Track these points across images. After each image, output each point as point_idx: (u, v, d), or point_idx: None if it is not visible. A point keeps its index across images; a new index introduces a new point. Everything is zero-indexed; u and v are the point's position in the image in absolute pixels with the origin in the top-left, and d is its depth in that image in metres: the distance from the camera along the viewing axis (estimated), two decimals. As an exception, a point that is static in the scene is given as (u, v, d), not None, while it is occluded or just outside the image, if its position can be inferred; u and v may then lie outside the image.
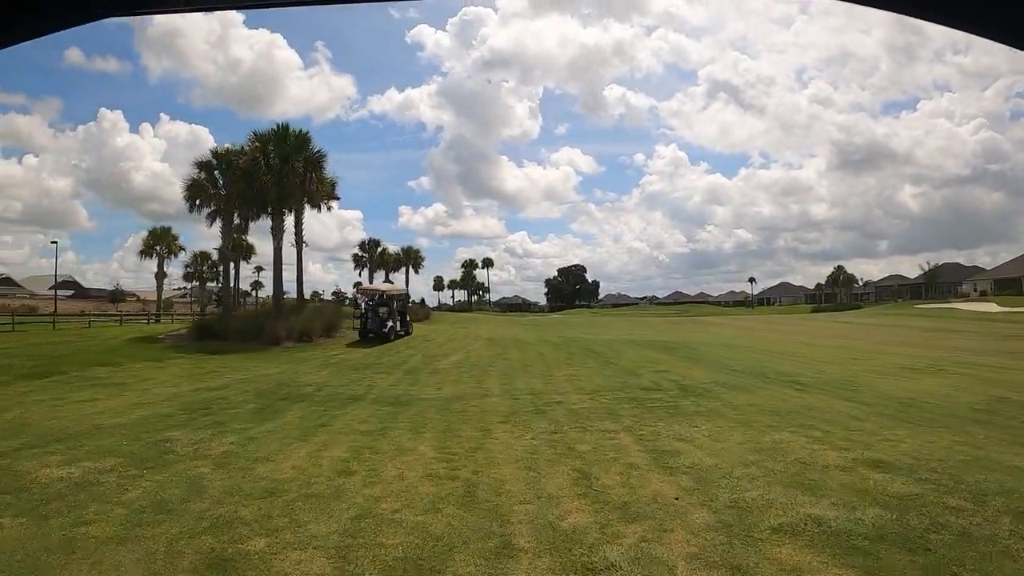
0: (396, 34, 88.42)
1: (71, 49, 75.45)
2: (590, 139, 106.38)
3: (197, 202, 23.46)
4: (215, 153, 23.79)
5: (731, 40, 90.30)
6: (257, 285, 70.61)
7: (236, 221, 24.96)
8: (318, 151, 23.37)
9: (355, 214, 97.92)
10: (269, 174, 21.34)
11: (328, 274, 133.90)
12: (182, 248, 47.68)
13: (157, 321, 39.30)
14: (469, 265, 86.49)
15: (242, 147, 22.95)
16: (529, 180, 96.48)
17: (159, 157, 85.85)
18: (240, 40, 79.19)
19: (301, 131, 23.11)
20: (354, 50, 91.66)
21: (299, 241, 26.13)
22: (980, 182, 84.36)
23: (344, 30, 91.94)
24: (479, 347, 20.05)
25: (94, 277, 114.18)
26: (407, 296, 34.82)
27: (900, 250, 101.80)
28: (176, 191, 40.63)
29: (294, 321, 20.82)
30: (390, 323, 23.03)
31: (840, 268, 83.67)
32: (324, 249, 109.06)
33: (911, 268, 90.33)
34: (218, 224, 24.53)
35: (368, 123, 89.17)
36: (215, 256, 46.77)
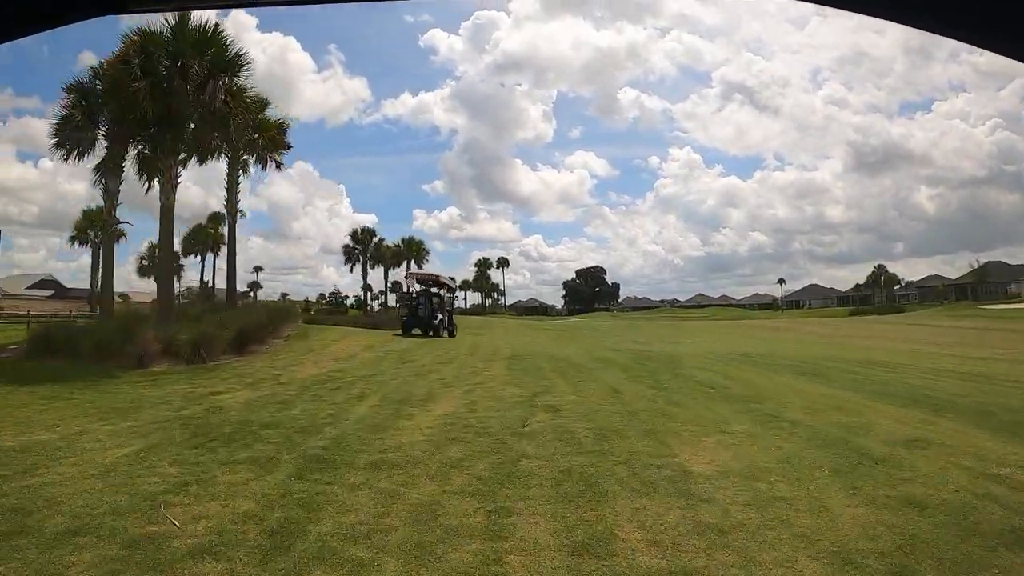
0: (409, 38, 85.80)
1: (84, 52, 70.47)
2: (604, 142, 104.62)
3: (68, 147, 15.31)
4: (97, 71, 15.05)
5: (745, 41, 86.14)
6: (255, 286, 63.29)
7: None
8: (236, 52, 14.96)
9: (370, 217, 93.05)
10: (145, 79, 12.86)
11: (343, 277, 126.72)
12: (123, 234, 39.36)
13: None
14: (483, 265, 79.54)
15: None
16: (543, 183, 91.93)
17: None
18: (253, 44, 74.21)
19: (210, 24, 14.49)
20: (367, 53, 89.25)
21: (231, 210, 18.09)
22: (996, 183, 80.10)
23: (358, 33, 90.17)
24: (496, 374, 11.05)
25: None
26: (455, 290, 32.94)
27: (916, 252, 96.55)
28: (184, 188, 33.58)
29: (187, 329, 12.59)
30: (440, 316, 21.24)
31: (881, 267, 78.59)
32: (337, 252, 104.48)
33: (928, 270, 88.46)
34: (138, 186, 16.47)
35: (382, 127, 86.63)
36: (177, 245, 38.85)
